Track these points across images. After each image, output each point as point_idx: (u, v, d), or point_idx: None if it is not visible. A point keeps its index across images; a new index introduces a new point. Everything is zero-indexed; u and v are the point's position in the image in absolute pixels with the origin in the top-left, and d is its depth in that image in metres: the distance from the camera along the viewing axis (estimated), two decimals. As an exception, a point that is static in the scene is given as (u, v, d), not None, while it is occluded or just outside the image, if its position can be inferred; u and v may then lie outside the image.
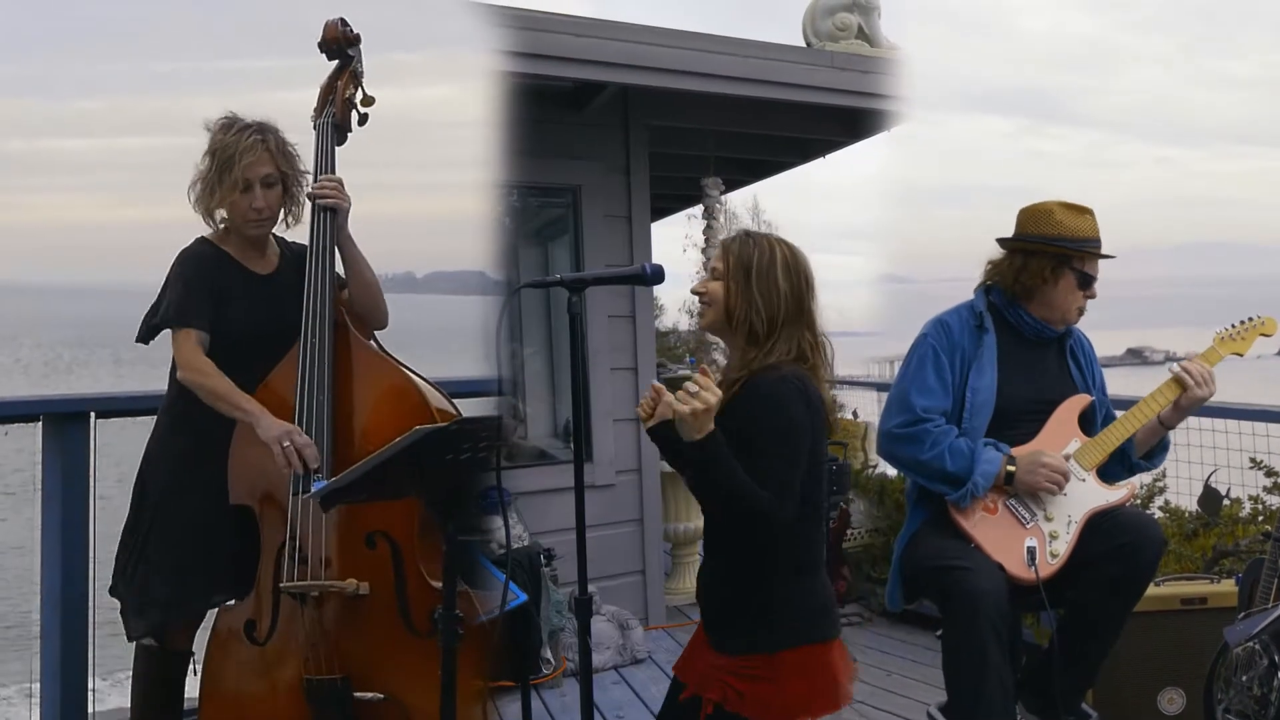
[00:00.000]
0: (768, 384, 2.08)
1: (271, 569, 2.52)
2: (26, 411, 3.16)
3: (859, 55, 4.77)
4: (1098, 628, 2.70)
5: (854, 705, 3.72)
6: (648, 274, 2.33)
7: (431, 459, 2.04)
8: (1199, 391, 2.73)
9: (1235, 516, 3.93)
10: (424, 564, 2.50)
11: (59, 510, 3.04)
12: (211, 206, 2.63)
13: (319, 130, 2.66)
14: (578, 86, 4.43)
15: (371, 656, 2.47)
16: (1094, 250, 2.77)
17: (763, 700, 2.06)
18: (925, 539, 2.75)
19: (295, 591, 2.45)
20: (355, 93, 2.69)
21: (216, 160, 2.57)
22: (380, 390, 2.57)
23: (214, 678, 2.56)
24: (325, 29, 2.68)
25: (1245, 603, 2.99)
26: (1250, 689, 2.83)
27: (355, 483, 2.08)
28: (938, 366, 2.74)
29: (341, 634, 2.47)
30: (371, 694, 2.45)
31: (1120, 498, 2.74)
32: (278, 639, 2.51)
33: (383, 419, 2.52)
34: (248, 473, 2.54)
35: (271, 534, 2.53)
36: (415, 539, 2.50)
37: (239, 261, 2.68)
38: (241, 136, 2.57)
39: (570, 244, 4.75)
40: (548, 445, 4.95)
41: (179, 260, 2.65)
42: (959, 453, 2.66)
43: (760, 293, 2.13)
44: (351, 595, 2.45)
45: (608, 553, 4.51)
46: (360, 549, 2.49)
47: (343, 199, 2.62)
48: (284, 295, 2.63)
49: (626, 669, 4.18)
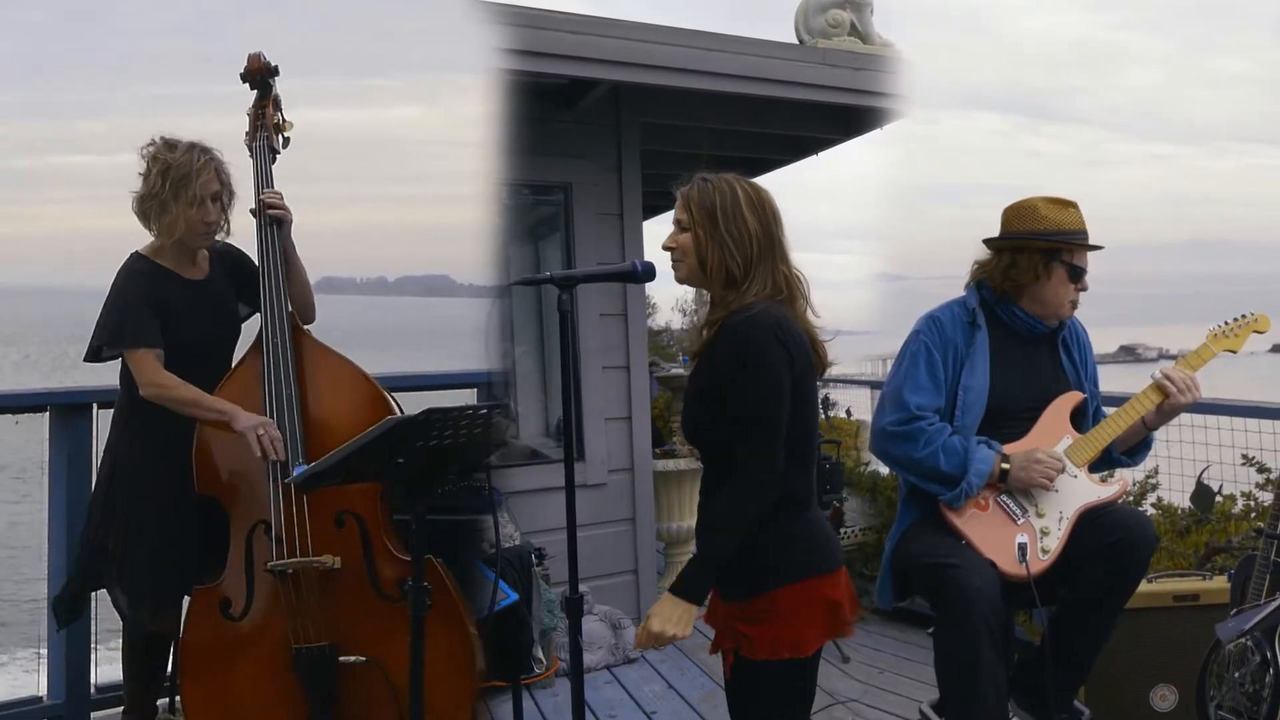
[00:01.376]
0: (738, 325, 2.03)
1: (243, 550, 2.72)
2: (35, 403, 3.44)
3: (851, 52, 4.76)
4: (1090, 624, 2.70)
5: (846, 704, 3.72)
6: (638, 271, 2.31)
7: (403, 445, 2.20)
8: (1181, 399, 2.74)
9: (1227, 513, 3.93)
10: (388, 538, 2.74)
11: (64, 492, 3.33)
12: (165, 220, 2.83)
13: (256, 152, 2.91)
14: (570, 84, 4.41)
15: (349, 624, 2.69)
16: (1082, 242, 2.76)
17: (770, 640, 2.06)
18: (917, 536, 2.74)
19: (278, 569, 2.66)
20: (277, 116, 2.97)
21: (170, 178, 2.79)
22: (338, 382, 2.81)
23: (193, 656, 2.74)
24: (249, 61, 2.95)
25: (1237, 599, 2.98)
26: (1243, 685, 2.83)
27: (333, 467, 2.25)
28: (930, 364, 2.73)
29: (320, 605, 2.68)
30: (355, 657, 2.66)
31: (1112, 494, 2.74)
32: (254, 615, 2.72)
33: (344, 407, 2.76)
34: (214, 464, 2.75)
35: (241, 519, 2.74)
36: (379, 516, 2.74)
37: (174, 272, 2.89)
38: (193, 156, 2.82)
39: (562, 242, 4.73)
40: (540, 444, 4.94)
41: (120, 282, 2.84)
42: (953, 451, 2.65)
43: (730, 235, 2.08)
44: (327, 569, 2.68)
45: (600, 552, 4.50)
46: (331, 528, 2.71)
47: (288, 212, 2.86)
48: (220, 296, 2.93)
49: (619, 668, 4.17)
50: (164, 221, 2.83)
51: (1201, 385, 2.79)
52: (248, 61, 2.96)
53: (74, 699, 3.31)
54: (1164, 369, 2.79)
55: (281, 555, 2.67)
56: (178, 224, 2.82)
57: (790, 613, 2.06)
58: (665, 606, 2.02)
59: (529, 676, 3.85)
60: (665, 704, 3.83)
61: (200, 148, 2.87)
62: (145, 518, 2.82)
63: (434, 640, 2.32)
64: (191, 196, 2.80)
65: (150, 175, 2.83)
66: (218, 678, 2.74)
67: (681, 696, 3.88)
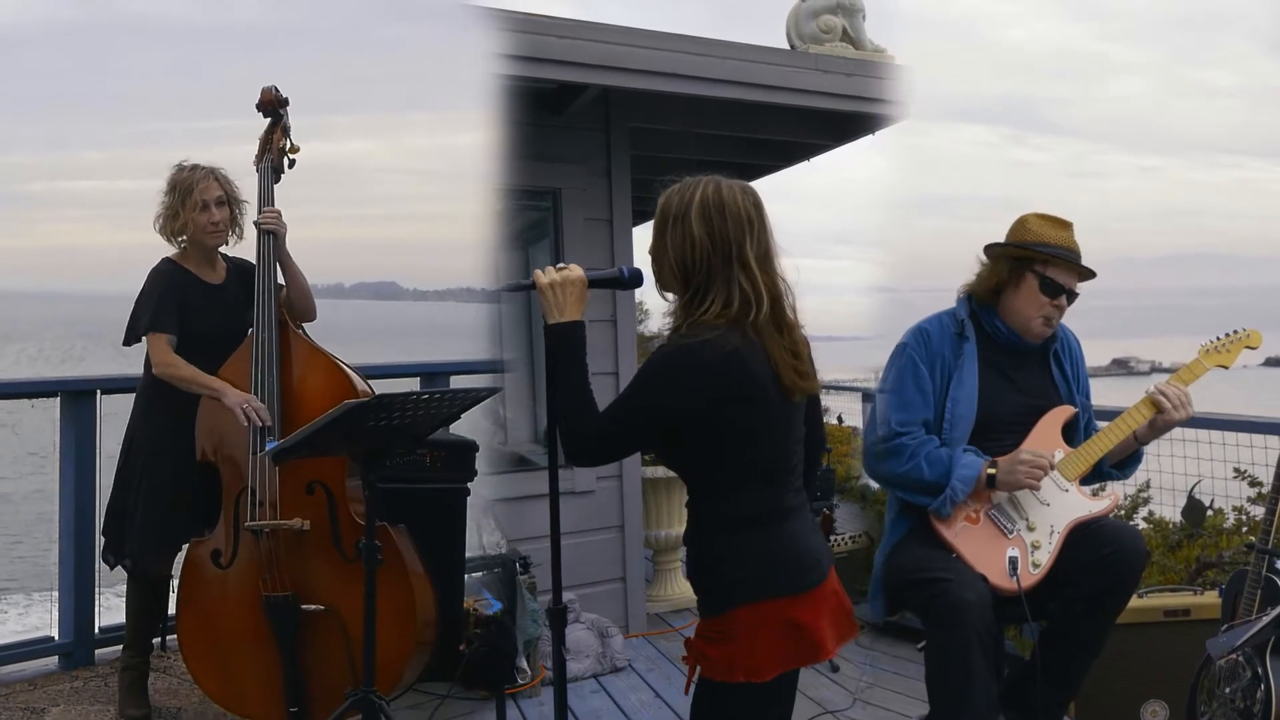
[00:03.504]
0: (663, 349, 1.99)
1: (232, 510, 3.21)
2: (47, 389, 4.16)
3: (843, 58, 4.73)
4: (1080, 639, 2.68)
5: (836, 714, 3.68)
6: (625, 277, 2.27)
7: (356, 425, 2.59)
8: (1175, 415, 2.74)
9: (1219, 527, 3.92)
10: (351, 506, 3.18)
11: (73, 466, 3.99)
12: (176, 228, 3.36)
13: (261, 173, 3.37)
14: (559, 88, 4.38)
15: (313, 577, 3.17)
16: (1060, 256, 2.73)
17: (725, 661, 1.97)
18: (907, 550, 2.72)
19: (255, 529, 3.13)
20: (285, 143, 3.39)
21: (179, 191, 3.34)
22: (314, 371, 3.29)
23: (187, 595, 3.28)
24: (262, 94, 3.38)
25: (1229, 615, 2.97)
26: (1233, 701, 2.82)
27: (299, 443, 2.64)
28: (916, 377, 2.72)
29: (290, 560, 3.16)
30: (315, 605, 3.13)
31: (1103, 508, 2.73)
32: (238, 565, 3.21)
33: (317, 392, 3.25)
34: (211, 436, 3.25)
35: (230, 483, 3.23)
36: (344, 487, 3.18)
37: (196, 275, 3.42)
38: (195, 172, 3.36)
39: (551, 247, 4.70)
40: (528, 451, 4.90)
41: (151, 277, 3.38)
42: (936, 461, 2.64)
43: (672, 244, 1.99)
44: (297, 531, 3.14)
45: (588, 560, 4.46)
46: (302, 495, 3.17)
47: (281, 225, 3.31)
48: (231, 299, 3.42)
49: (606, 677, 4.13)
50: (177, 225, 3.36)
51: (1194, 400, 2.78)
52: (261, 94, 3.38)
53: (81, 638, 3.99)
54: (1159, 385, 2.78)
55: (258, 517, 3.14)
56: (188, 226, 3.35)
57: (746, 635, 1.97)
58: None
59: (513, 686, 3.81)
60: (652, 713, 3.80)
61: (204, 166, 3.39)
62: (156, 483, 3.34)
63: (382, 594, 2.72)
64: (195, 202, 3.32)
65: (166, 192, 3.38)
66: (206, 613, 3.25)
67: (668, 705, 3.84)
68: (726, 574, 2.00)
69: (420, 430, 2.81)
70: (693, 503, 2.07)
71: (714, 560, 2.02)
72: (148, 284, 3.36)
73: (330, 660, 3.13)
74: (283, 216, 3.33)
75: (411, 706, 3.51)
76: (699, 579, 2.06)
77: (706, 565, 2.04)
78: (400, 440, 2.77)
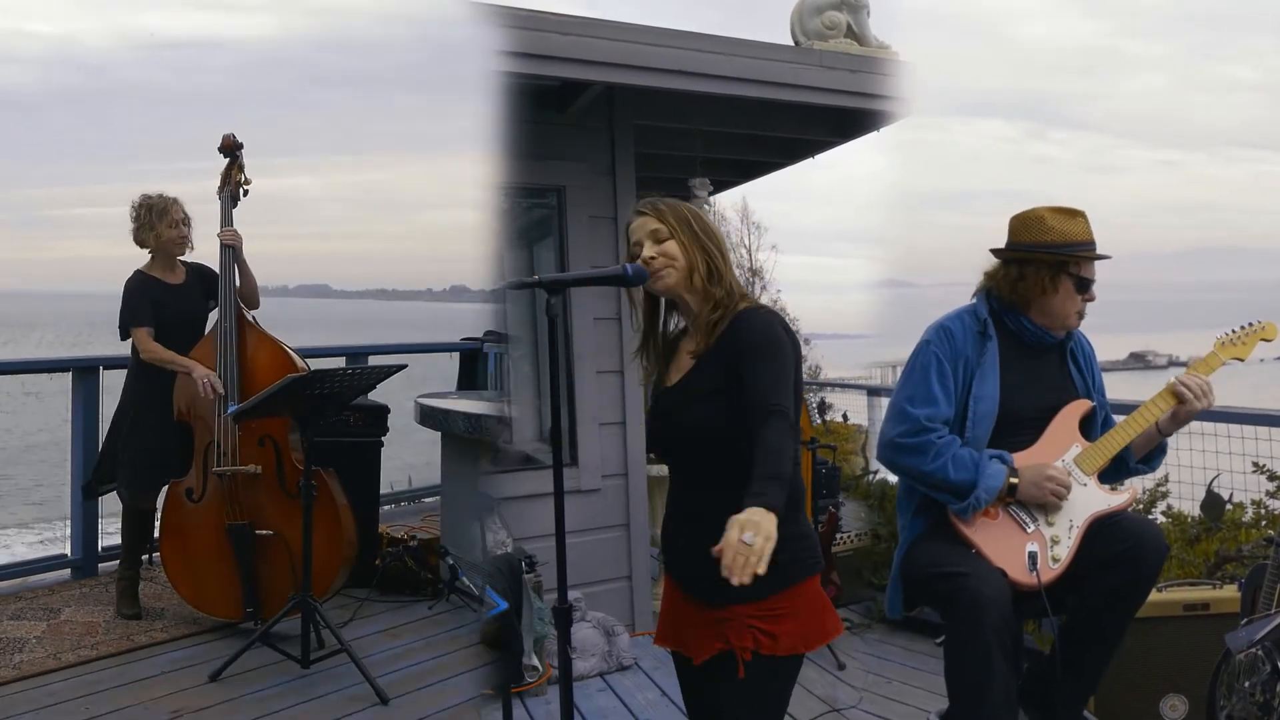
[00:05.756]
0: (757, 317, 2.14)
1: (201, 458, 4.23)
2: (61, 366, 5.46)
3: (848, 54, 4.69)
4: (1100, 634, 2.65)
5: (843, 712, 3.65)
6: (629, 275, 2.23)
7: (297, 393, 3.71)
8: (1197, 405, 2.71)
9: (1238, 521, 3.89)
10: (293, 454, 4.18)
11: (81, 425, 5.21)
12: (149, 240, 4.33)
13: (222, 200, 4.36)
14: (563, 86, 4.35)
15: (264, 509, 4.18)
16: (1089, 254, 2.72)
17: (795, 635, 2.09)
18: (925, 545, 2.69)
19: (220, 473, 4.16)
20: (241, 176, 4.38)
21: (154, 211, 4.32)
22: (264, 352, 4.28)
23: (168, 523, 4.29)
24: (223, 139, 4.41)
25: (1248, 609, 2.94)
26: (1253, 695, 2.79)
27: (253, 407, 3.77)
28: (941, 374, 2.68)
29: (246, 496, 4.18)
30: (266, 530, 4.14)
31: (1121, 502, 2.69)
32: (206, 500, 4.22)
33: (266, 368, 4.21)
34: (185, 401, 4.23)
35: (201, 437, 4.24)
36: (288, 440, 4.19)
37: (160, 279, 4.39)
38: (165, 199, 4.36)
39: (555, 245, 4.67)
40: (534, 450, 4.86)
41: (126, 287, 4.36)
42: (963, 464, 2.60)
43: (709, 237, 2.23)
44: (251, 475, 4.16)
45: (593, 558, 4.43)
46: (255, 446, 4.19)
47: (238, 240, 4.34)
48: (191, 295, 4.41)
49: (612, 676, 4.11)
50: (152, 238, 4.32)
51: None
52: (222, 139, 4.40)
53: (87, 555, 5.16)
54: (1179, 376, 2.75)
55: (222, 463, 4.16)
56: (161, 238, 4.33)
57: (808, 607, 2.12)
58: (760, 516, 1.81)
59: (519, 685, 3.78)
60: (659, 712, 3.77)
61: (168, 196, 4.39)
62: (142, 435, 4.29)
63: (317, 522, 3.85)
64: (171, 220, 4.33)
65: (140, 215, 4.34)
66: (183, 536, 4.24)
67: (675, 704, 3.80)
68: (793, 551, 2.05)
69: (346, 397, 3.94)
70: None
71: (789, 539, 1.93)
72: (125, 293, 4.34)
73: (277, 572, 4.10)
74: (240, 234, 4.32)
75: (339, 607, 4.49)
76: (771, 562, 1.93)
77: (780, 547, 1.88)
78: (330, 404, 3.84)
